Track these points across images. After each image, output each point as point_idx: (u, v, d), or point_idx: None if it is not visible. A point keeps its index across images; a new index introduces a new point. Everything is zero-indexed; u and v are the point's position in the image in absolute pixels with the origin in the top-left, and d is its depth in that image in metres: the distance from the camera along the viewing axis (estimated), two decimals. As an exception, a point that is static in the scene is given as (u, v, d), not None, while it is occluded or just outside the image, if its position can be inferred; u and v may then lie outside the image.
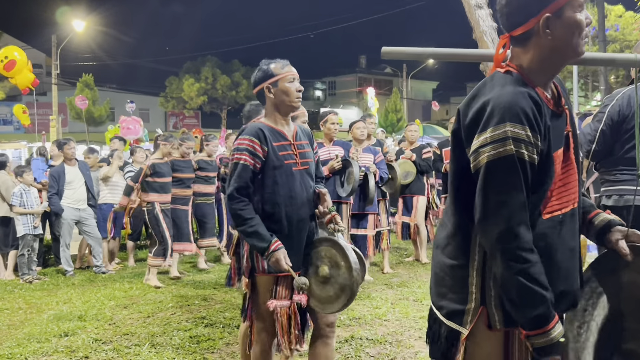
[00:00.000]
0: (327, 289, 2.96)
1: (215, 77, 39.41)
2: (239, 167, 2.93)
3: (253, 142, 2.94)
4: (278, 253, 2.87)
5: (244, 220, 2.90)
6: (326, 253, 2.98)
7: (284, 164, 2.99)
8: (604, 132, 3.56)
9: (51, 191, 7.72)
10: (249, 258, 3.02)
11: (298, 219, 3.00)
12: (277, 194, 2.96)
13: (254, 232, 2.89)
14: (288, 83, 3.03)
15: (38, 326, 5.30)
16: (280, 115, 3.07)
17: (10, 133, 34.40)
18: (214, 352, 4.44)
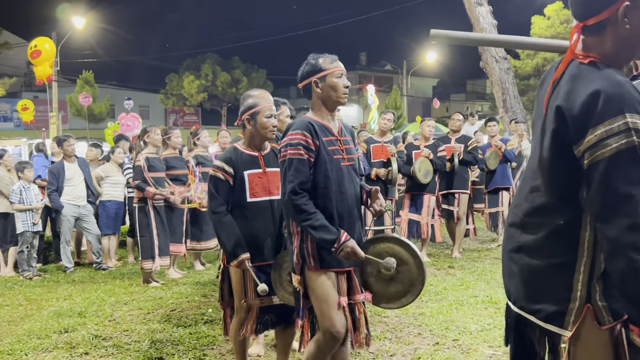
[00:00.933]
0: (394, 285, 2.97)
1: (216, 74, 39.40)
2: (296, 162, 2.89)
3: (306, 136, 2.91)
4: (351, 243, 2.83)
5: (309, 214, 2.84)
6: (388, 251, 2.97)
7: (333, 159, 2.96)
8: None
9: (51, 188, 7.74)
10: (298, 255, 2.95)
11: (349, 215, 2.97)
12: (328, 189, 2.92)
13: (322, 226, 2.84)
14: (336, 78, 3.00)
15: (38, 322, 5.31)
16: (326, 110, 3.05)
17: (10, 130, 34.39)
18: (213, 348, 4.45)
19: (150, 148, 6.88)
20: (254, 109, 3.46)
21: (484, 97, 47.56)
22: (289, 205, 2.88)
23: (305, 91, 3.07)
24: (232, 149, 3.54)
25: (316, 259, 2.92)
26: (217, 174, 3.46)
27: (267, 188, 3.50)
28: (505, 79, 15.96)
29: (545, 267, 1.79)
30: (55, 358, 4.34)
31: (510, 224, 1.97)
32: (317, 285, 2.92)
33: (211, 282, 6.80)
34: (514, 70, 19.17)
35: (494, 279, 6.40)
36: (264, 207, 3.48)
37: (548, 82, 1.91)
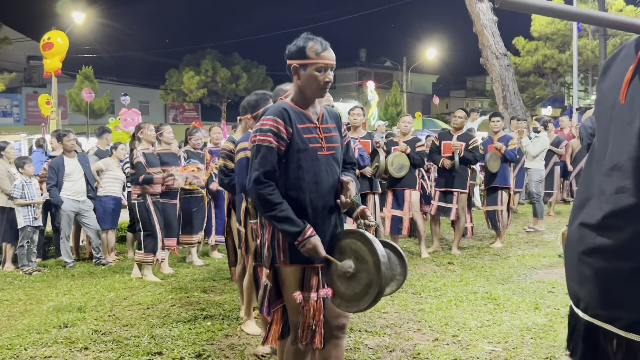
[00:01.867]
0: (353, 285, 2.76)
1: (215, 70, 39.37)
2: (263, 149, 2.75)
3: (277, 122, 2.76)
4: (314, 239, 2.72)
5: (273, 205, 2.71)
6: (352, 246, 2.80)
7: (309, 148, 2.80)
8: None
9: (50, 183, 7.73)
10: (269, 248, 2.84)
11: (323, 207, 2.84)
12: (301, 179, 2.79)
13: (286, 218, 2.71)
14: (317, 71, 2.80)
15: (38, 317, 5.32)
16: (305, 98, 2.88)
17: (10, 125, 34.40)
18: (213, 343, 4.46)
19: (144, 144, 6.86)
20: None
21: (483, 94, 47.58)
22: (252, 194, 2.77)
23: (289, 71, 2.90)
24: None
25: (286, 253, 2.81)
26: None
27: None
28: (506, 75, 15.97)
29: (629, 271, 1.63)
30: (55, 353, 4.34)
31: (583, 224, 1.80)
32: (285, 280, 2.85)
33: (211, 277, 6.81)
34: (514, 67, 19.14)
35: (493, 275, 6.40)
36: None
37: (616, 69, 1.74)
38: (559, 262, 7.11)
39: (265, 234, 2.87)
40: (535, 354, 4.01)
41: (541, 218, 9.53)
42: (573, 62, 20.60)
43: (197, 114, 43.14)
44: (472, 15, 16.16)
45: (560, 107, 34.88)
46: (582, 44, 26.79)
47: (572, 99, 26.66)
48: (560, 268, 6.78)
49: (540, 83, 31.72)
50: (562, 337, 4.29)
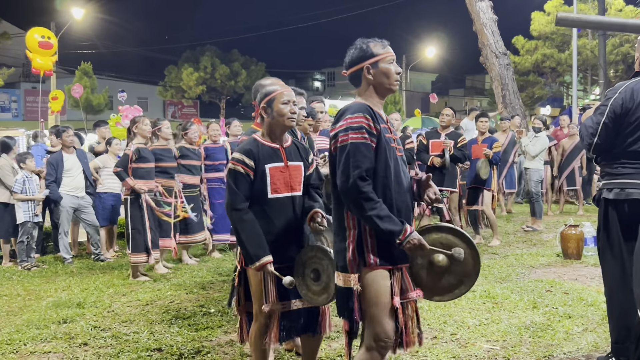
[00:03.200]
0: (446, 278, 2.80)
1: (214, 66, 39.35)
2: (361, 147, 2.65)
3: (367, 119, 2.70)
4: (416, 234, 2.66)
5: (375, 203, 2.63)
6: (441, 241, 2.79)
7: (391, 147, 2.76)
8: (607, 125, 3.53)
9: (49, 179, 7.74)
10: (355, 250, 2.71)
11: (406, 207, 2.79)
12: (389, 179, 2.72)
13: (388, 216, 2.63)
14: (388, 64, 2.82)
15: (37, 313, 5.32)
16: (377, 97, 2.86)
17: (8, 120, 34.33)
18: (212, 340, 4.47)
19: (139, 139, 6.75)
20: (269, 96, 3.23)
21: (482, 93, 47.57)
22: (353, 193, 2.63)
23: (353, 78, 2.89)
24: (252, 140, 3.25)
25: (376, 254, 2.70)
26: (237, 167, 3.16)
27: (288, 183, 3.24)
28: (505, 74, 15.97)
29: None
30: (54, 348, 4.35)
31: None
32: (371, 285, 2.71)
33: (210, 274, 6.81)
34: (513, 66, 19.15)
35: (491, 274, 6.42)
36: (286, 203, 3.22)
37: None
38: (557, 261, 7.13)
39: (350, 236, 2.73)
40: (533, 353, 4.02)
41: (539, 218, 9.55)
42: (572, 62, 20.60)
43: (195, 111, 43.12)
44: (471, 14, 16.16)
45: (559, 106, 34.91)
46: (582, 43, 26.78)
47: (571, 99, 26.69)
48: (559, 267, 6.80)
49: (539, 82, 31.70)
50: (560, 336, 4.31)
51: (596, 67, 25.68)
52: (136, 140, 6.72)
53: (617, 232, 3.60)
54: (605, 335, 4.23)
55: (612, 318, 3.65)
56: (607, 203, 3.64)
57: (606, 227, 3.66)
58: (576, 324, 4.57)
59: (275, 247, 3.16)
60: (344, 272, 2.75)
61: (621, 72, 27.56)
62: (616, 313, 3.62)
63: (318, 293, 3.13)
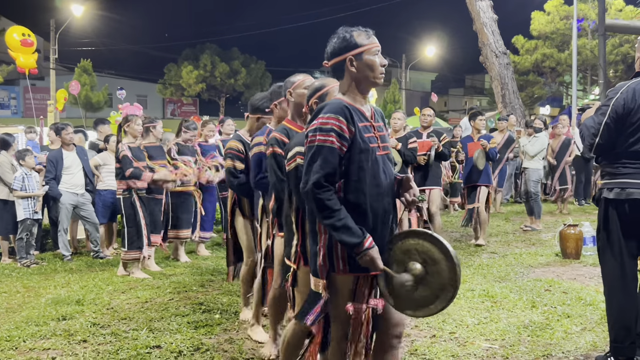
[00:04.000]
0: (421, 289, 2.62)
1: (214, 64, 39.29)
2: (325, 150, 2.56)
3: (340, 121, 2.58)
4: (373, 251, 2.55)
5: (332, 212, 2.53)
6: (417, 248, 2.64)
7: (369, 147, 2.64)
8: (608, 125, 3.54)
9: (49, 176, 7.73)
10: (326, 256, 2.65)
11: (383, 211, 2.68)
12: (362, 182, 2.61)
13: (344, 226, 2.53)
14: (373, 56, 2.67)
15: (36, 310, 5.32)
16: (359, 92, 2.72)
17: (7, 117, 34.32)
18: (211, 337, 4.47)
19: (129, 137, 6.68)
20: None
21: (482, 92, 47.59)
22: (310, 200, 2.58)
23: (335, 70, 2.74)
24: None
25: (346, 261, 2.64)
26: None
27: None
28: (505, 74, 16.00)
29: None
30: (54, 345, 4.35)
31: None
32: (339, 290, 2.67)
33: (209, 271, 6.81)
34: (513, 65, 19.15)
35: (490, 273, 6.42)
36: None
37: None
38: (555, 260, 7.14)
39: (321, 241, 2.67)
40: (532, 351, 4.03)
41: (538, 217, 9.57)
42: (572, 62, 20.62)
43: (195, 109, 43.08)
44: (472, 14, 16.17)
45: (558, 106, 34.94)
46: (582, 43, 26.80)
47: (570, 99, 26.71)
48: (558, 267, 6.81)
49: (539, 82, 31.73)
50: (559, 335, 4.32)
51: (596, 67, 25.69)
52: (126, 139, 6.65)
53: (617, 232, 3.60)
54: (603, 335, 4.24)
55: (611, 318, 3.66)
56: (608, 203, 3.64)
57: (606, 227, 3.66)
58: (575, 324, 4.58)
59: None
60: (315, 276, 2.73)
61: (621, 73, 27.59)
62: (615, 313, 3.63)
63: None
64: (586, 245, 7.33)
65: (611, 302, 3.67)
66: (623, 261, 3.60)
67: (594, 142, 3.61)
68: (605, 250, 3.69)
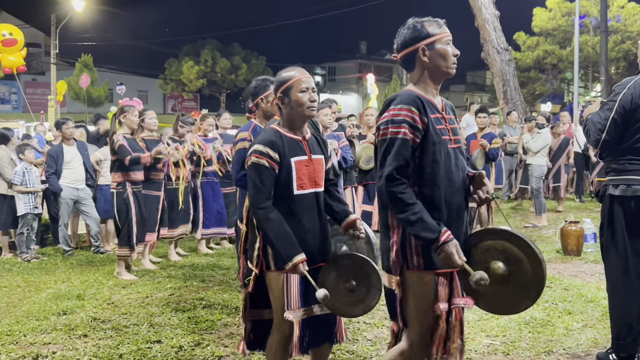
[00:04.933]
0: (505, 289, 2.52)
1: (215, 60, 39.23)
2: (398, 142, 2.48)
3: (412, 112, 2.50)
4: (450, 245, 2.43)
5: (406, 205, 2.44)
6: (496, 246, 2.53)
7: (442, 140, 2.56)
8: (615, 121, 3.49)
9: (49, 171, 7.73)
10: (399, 251, 2.56)
11: (457, 206, 2.59)
12: (436, 175, 2.52)
13: (420, 220, 2.43)
14: (445, 45, 2.59)
15: (37, 304, 5.32)
16: (432, 83, 2.64)
17: (8, 112, 34.31)
18: (212, 333, 4.47)
19: (125, 129, 6.48)
20: (285, 84, 2.93)
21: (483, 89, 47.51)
22: (383, 193, 2.49)
23: (405, 61, 2.66)
24: (273, 131, 2.95)
25: (421, 257, 2.52)
26: (261, 160, 2.84)
27: (312, 178, 2.96)
28: (507, 70, 15.95)
29: None
30: (54, 339, 4.35)
31: None
32: (415, 288, 2.56)
33: (210, 267, 6.81)
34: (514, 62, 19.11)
35: (491, 269, 6.41)
36: (311, 200, 2.95)
37: None
38: (557, 257, 7.13)
39: (394, 236, 2.57)
40: (533, 348, 4.03)
41: (539, 214, 9.55)
42: (574, 58, 20.57)
43: (196, 104, 43.05)
44: (473, 10, 16.12)
45: (560, 103, 34.87)
46: (583, 40, 26.73)
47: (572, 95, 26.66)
48: (559, 263, 6.80)
49: (540, 79, 31.65)
50: (560, 332, 4.31)
51: (597, 63, 25.64)
52: (122, 131, 6.48)
53: (621, 229, 3.58)
54: (605, 332, 4.24)
55: (614, 315, 3.65)
56: (613, 199, 3.62)
57: (611, 224, 3.64)
58: (576, 320, 4.58)
59: (303, 249, 2.85)
60: (388, 273, 2.62)
61: (622, 69, 27.51)
62: (618, 310, 3.62)
63: (353, 304, 2.90)
64: (587, 242, 7.32)
65: (614, 299, 3.65)
66: (627, 258, 3.58)
67: (600, 137, 3.57)
68: (609, 248, 3.67)
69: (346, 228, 3.04)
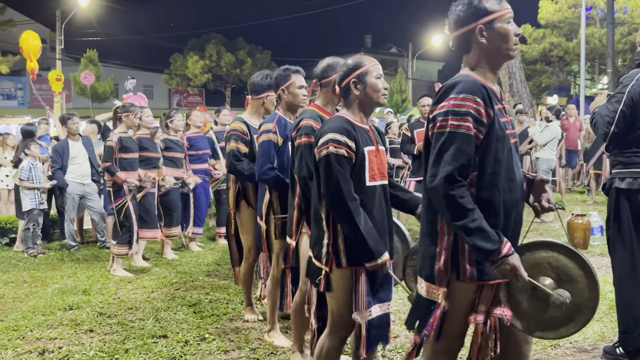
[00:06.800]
0: (553, 309, 2.28)
1: (220, 54, 39.20)
2: (460, 137, 2.17)
3: (477, 103, 2.18)
4: (514, 258, 2.15)
5: (466, 211, 2.14)
6: (550, 262, 2.30)
7: (505, 135, 2.25)
8: (624, 113, 3.46)
9: (55, 166, 7.74)
10: (448, 261, 2.27)
11: (516, 212, 2.30)
12: (497, 176, 2.22)
13: (479, 229, 2.14)
14: (506, 24, 2.29)
15: (43, 299, 5.34)
16: (491, 68, 2.33)
17: (14, 108, 34.40)
18: (217, 327, 4.47)
19: (123, 127, 6.44)
20: (360, 69, 2.75)
21: (489, 82, 47.29)
22: (439, 196, 2.18)
23: (460, 42, 2.36)
24: (344, 120, 2.74)
25: (474, 267, 2.24)
26: (340, 150, 2.64)
27: (380, 169, 2.79)
28: (512, 63, 15.90)
29: None
30: (60, 335, 4.36)
31: None
32: (461, 300, 2.30)
33: (215, 262, 6.82)
34: (520, 54, 19.01)
35: (497, 263, 6.39)
36: (380, 192, 2.78)
37: None
38: (563, 250, 7.09)
39: (442, 243, 2.29)
40: (539, 341, 4.00)
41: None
42: (580, 51, 20.45)
43: (201, 99, 43.05)
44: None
45: (566, 95, 34.69)
46: (590, 32, 26.58)
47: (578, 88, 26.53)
48: (565, 257, 6.77)
49: (546, 71, 31.50)
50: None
51: (604, 56, 25.50)
52: (119, 129, 6.45)
53: (628, 223, 3.55)
54: (611, 325, 4.22)
55: (620, 308, 3.63)
56: (619, 192, 3.59)
57: (617, 217, 3.61)
58: (583, 314, 4.55)
59: None
60: (428, 282, 2.33)
61: (629, 62, 27.34)
62: (625, 304, 3.60)
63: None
64: (594, 235, 7.28)
65: (621, 293, 3.64)
66: (633, 252, 3.56)
67: (609, 130, 3.53)
68: (616, 241, 3.64)
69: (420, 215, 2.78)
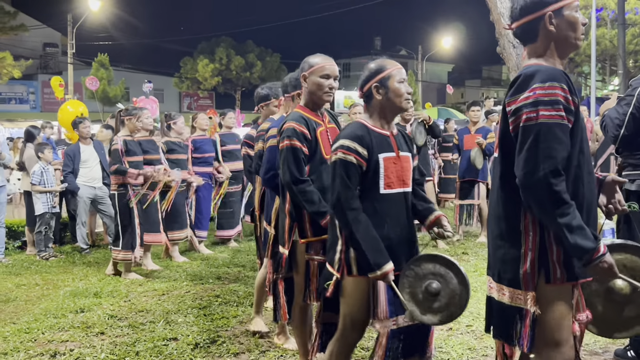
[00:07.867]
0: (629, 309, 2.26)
1: (230, 58, 39.34)
2: (555, 127, 2.02)
3: (564, 90, 2.07)
4: (610, 257, 2.04)
5: (569, 207, 2.01)
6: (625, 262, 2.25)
7: (585, 126, 2.17)
8: (634, 116, 3.44)
9: (66, 170, 7.80)
10: (535, 261, 2.15)
11: (595, 209, 2.21)
12: (581, 169, 2.10)
13: (580, 226, 2.01)
14: (575, 12, 2.19)
15: (54, 302, 5.38)
16: (559, 57, 2.23)
17: (26, 112, 34.67)
18: (227, 329, 4.48)
19: (126, 130, 6.40)
20: (382, 73, 2.72)
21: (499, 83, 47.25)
22: (539, 192, 2.02)
23: (525, 31, 2.24)
24: (360, 125, 2.71)
25: (563, 267, 2.11)
26: (349, 157, 2.60)
27: (401, 177, 2.71)
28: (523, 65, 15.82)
29: None
30: (72, 337, 4.39)
31: None
32: (555, 305, 2.14)
33: (225, 264, 6.83)
34: (530, 56, 18.91)
35: (507, 265, 6.36)
36: (399, 201, 2.71)
37: None
38: (574, 253, 7.05)
39: (527, 243, 2.15)
40: (550, 345, 3.99)
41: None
42: (591, 52, 20.33)
43: (211, 102, 43.22)
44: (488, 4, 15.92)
45: (577, 97, 34.51)
46: (601, 33, 26.43)
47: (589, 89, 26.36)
48: (576, 259, 6.73)
49: (557, 73, 31.37)
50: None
51: (615, 57, 25.33)
52: (122, 132, 6.40)
53: (638, 225, 3.53)
54: (623, 328, 4.18)
55: (631, 311, 3.60)
56: (629, 195, 3.57)
57: (627, 220, 3.60)
58: (594, 316, 4.52)
59: (388, 253, 2.63)
60: (512, 287, 2.21)
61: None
62: (636, 306, 3.57)
63: (434, 311, 2.62)
64: (605, 237, 7.22)
65: (632, 296, 3.61)
66: (645, 255, 3.53)
67: (618, 133, 3.50)
68: (627, 244, 3.62)
69: (430, 226, 2.81)
